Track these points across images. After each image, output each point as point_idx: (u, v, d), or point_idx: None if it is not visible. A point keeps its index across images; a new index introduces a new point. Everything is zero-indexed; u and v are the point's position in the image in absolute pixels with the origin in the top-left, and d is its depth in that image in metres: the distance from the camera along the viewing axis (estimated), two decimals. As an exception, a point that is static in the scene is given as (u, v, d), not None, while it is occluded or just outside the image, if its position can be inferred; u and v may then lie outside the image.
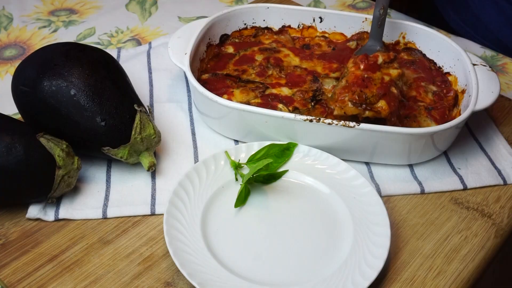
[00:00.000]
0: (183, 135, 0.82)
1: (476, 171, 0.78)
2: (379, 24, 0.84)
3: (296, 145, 0.76)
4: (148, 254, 0.67)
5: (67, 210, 0.70)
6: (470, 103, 0.75)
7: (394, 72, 0.78)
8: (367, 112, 0.73)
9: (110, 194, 0.73)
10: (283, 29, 0.96)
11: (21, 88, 0.72)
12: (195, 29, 0.87)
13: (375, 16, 0.84)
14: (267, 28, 0.96)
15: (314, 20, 0.95)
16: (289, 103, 0.80)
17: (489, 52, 1.04)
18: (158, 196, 0.73)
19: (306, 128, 0.74)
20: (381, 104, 0.73)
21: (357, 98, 0.74)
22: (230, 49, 0.92)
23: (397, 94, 0.77)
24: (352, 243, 0.66)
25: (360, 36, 0.93)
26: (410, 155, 0.77)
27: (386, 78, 0.77)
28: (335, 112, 0.75)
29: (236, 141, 0.81)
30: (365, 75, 0.76)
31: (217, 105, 0.76)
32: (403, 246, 0.69)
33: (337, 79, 0.85)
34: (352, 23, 0.93)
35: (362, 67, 0.77)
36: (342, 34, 0.94)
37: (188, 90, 0.90)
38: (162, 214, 0.71)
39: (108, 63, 0.75)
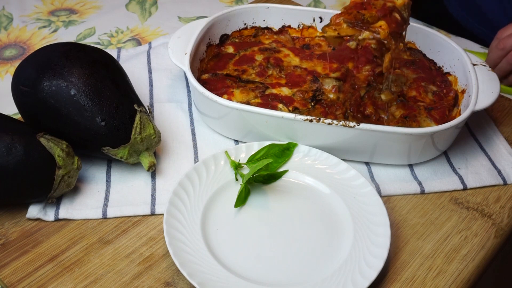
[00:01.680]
0: (183, 135, 0.82)
1: (476, 171, 0.78)
2: None
3: (296, 145, 0.76)
4: (148, 254, 0.67)
5: (67, 210, 0.70)
6: (470, 103, 0.75)
7: (399, 1, 0.73)
8: (364, 34, 0.69)
9: (110, 194, 0.73)
10: (283, 29, 0.96)
11: (21, 88, 0.72)
12: (195, 29, 0.87)
13: None
14: (267, 28, 0.96)
15: (314, 20, 0.95)
16: (289, 103, 0.80)
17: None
18: (158, 196, 0.73)
19: (306, 128, 0.73)
20: (380, 23, 0.69)
21: (353, 19, 0.69)
22: (230, 49, 0.92)
23: (400, 21, 0.72)
24: (352, 243, 0.66)
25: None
26: (410, 155, 0.77)
27: (389, 4, 0.73)
28: (327, 34, 0.70)
29: (236, 141, 0.81)
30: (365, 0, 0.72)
31: (217, 105, 0.76)
32: (403, 246, 0.69)
33: (337, 79, 0.85)
34: (352, 23, 0.93)
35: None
36: (342, 34, 0.94)
37: (188, 90, 0.90)
38: (162, 214, 0.71)
39: (108, 63, 0.75)
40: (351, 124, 0.71)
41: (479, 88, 0.77)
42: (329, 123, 0.72)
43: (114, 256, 0.66)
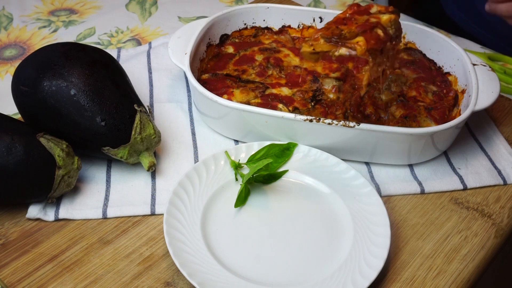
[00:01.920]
0: (183, 135, 0.82)
1: (476, 171, 0.78)
2: None
3: (296, 145, 0.76)
4: (148, 254, 0.67)
5: (67, 210, 0.70)
6: (470, 103, 0.75)
7: (384, 16, 0.69)
8: (340, 50, 0.65)
9: (110, 194, 0.73)
10: (283, 29, 0.96)
11: (21, 88, 0.72)
12: (195, 29, 0.87)
13: None
14: (267, 28, 0.96)
15: (314, 20, 0.95)
16: (289, 103, 0.80)
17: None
18: (158, 196, 0.73)
19: (306, 128, 0.73)
20: (358, 39, 0.65)
21: (331, 33, 0.65)
22: (230, 49, 0.92)
23: (382, 37, 0.67)
24: (352, 243, 0.66)
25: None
26: (410, 155, 0.77)
27: (373, 20, 0.69)
28: (302, 49, 0.66)
29: (236, 141, 0.81)
30: (347, 15, 0.69)
31: (217, 105, 0.76)
32: (403, 246, 0.69)
33: (337, 79, 0.85)
34: (352, 23, 0.93)
35: (349, 11, 0.71)
36: (342, 34, 0.94)
37: (188, 90, 0.90)
38: (162, 214, 0.71)
39: (108, 63, 0.75)
40: (351, 124, 0.71)
41: (479, 88, 0.77)
42: (329, 123, 0.72)
43: (114, 256, 0.66)
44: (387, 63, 0.70)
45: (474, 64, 0.81)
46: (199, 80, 0.84)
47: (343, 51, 0.65)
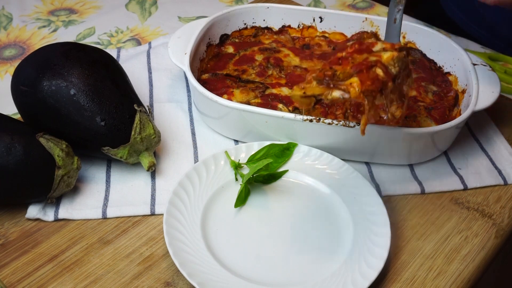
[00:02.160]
0: (183, 135, 0.82)
1: (476, 171, 0.78)
2: (394, 19, 0.72)
3: (296, 145, 0.76)
4: (148, 254, 0.67)
5: (66, 210, 0.70)
6: (470, 103, 0.75)
7: (386, 54, 0.61)
8: (332, 92, 0.58)
9: (110, 194, 0.73)
10: (283, 29, 0.96)
11: (21, 88, 0.72)
12: (195, 29, 0.87)
13: (390, 9, 0.73)
14: (267, 28, 0.96)
15: (314, 20, 0.95)
16: (289, 103, 0.80)
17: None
18: (158, 196, 0.73)
19: (306, 128, 0.73)
20: (352, 80, 0.57)
21: (324, 74, 0.59)
22: (230, 49, 0.92)
23: (382, 77, 0.60)
24: (352, 243, 0.66)
25: (360, 36, 0.93)
26: (410, 155, 0.77)
27: (372, 59, 0.61)
28: (293, 93, 0.59)
29: (236, 141, 0.81)
30: (344, 54, 0.62)
31: (217, 105, 0.76)
32: (403, 246, 0.69)
33: (337, 79, 0.85)
34: (352, 23, 0.93)
35: (349, 50, 0.64)
36: (342, 34, 0.94)
37: (188, 90, 0.90)
38: (162, 214, 0.71)
39: (108, 63, 0.75)
40: (351, 124, 0.71)
41: (479, 88, 0.77)
42: (329, 123, 0.72)
43: (114, 256, 0.66)
44: (392, 101, 0.63)
45: (474, 64, 0.81)
46: (199, 80, 0.84)
47: (336, 94, 0.58)
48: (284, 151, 0.76)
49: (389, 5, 0.72)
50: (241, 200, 0.71)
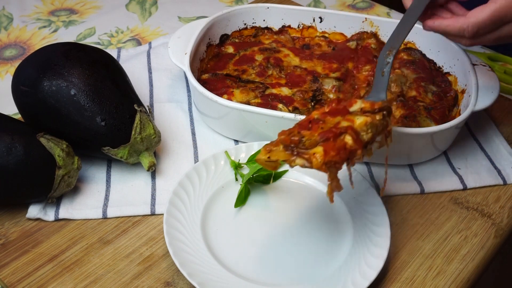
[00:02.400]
0: (183, 135, 0.82)
1: (476, 171, 0.78)
2: (382, 72, 0.67)
3: (296, 145, 0.76)
4: (148, 254, 0.67)
5: (67, 210, 0.71)
6: (470, 103, 0.75)
7: (359, 119, 0.59)
8: (296, 160, 0.56)
9: (110, 194, 0.73)
10: (283, 29, 0.96)
11: (21, 88, 0.72)
12: (195, 29, 0.87)
13: (379, 61, 0.67)
14: (267, 28, 0.96)
15: (314, 20, 0.95)
16: (289, 103, 0.80)
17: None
18: (158, 196, 0.73)
19: (306, 128, 0.73)
20: (316, 150, 0.55)
21: (290, 140, 0.57)
22: (230, 49, 0.92)
23: (350, 145, 0.57)
24: (352, 243, 0.66)
25: (360, 36, 0.93)
26: (410, 155, 0.77)
27: (343, 124, 0.58)
28: (257, 157, 0.57)
29: (236, 141, 0.81)
30: (316, 117, 0.60)
31: (217, 105, 0.76)
32: (403, 246, 0.69)
33: (337, 79, 0.85)
34: (352, 23, 0.93)
35: (326, 110, 0.61)
36: (342, 34, 0.94)
37: (188, 90, 0.90)
38: (162, 214, 0.71)
39: (108, 63, 0.75)
40: (351, 124, 0.71)
41: (479, 88, 0.77)
42: (329, 123, 0.72)
43: (114, 256, 0.66)
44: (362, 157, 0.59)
45: (474, 64, 0.81)
46: (199, 80, 0.84)
47: (299, 162, 0.55)
48: (284, 151, 0.76)
49: (379, 55, 0.67)
50: (241, 200, 0.71)
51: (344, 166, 0.58)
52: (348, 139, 0.57)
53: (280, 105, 0.80)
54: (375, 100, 0.63)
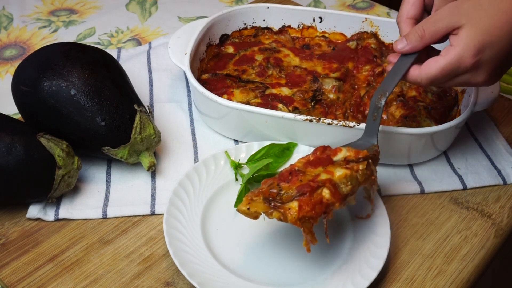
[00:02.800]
0: (183, 135, 0.82)
1: (476, 171, 0.78)
2: (374, 115, 0.66)
3: (296, 145, 0.76)
4: (148, 254, 0.67)
5: (67, 210, 0.71)
6: (470, 103, 0.75)
7: (339, 171, 0.60)
8: (273, 213, 0.57)
9: (110, 194, 0.73)
10: (283, 29, 0.96)
11: (21, 88, 0.72)
12: (195, 29, 0.87)
13: (371, 105, 0.66)
14: (267, 28, 0.96)
15: (314, 20, 0.95)
16: (289, 103, 0.80)
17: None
18: (158, 196, 0.73)
19: (306, 128, 0.74)
20: (291, 205, 0.56)
21: (269, 192, 0.58)
22: (230, 49, 0.92)
23: (327, 199, 0.58)
24: (352, 243, 0.66)
25: (360, 36, 0.93)
26: (410, 155, 0.77)
27: (322, 177, 0.59)
28: (238, 207, 0.59)
29: (236, 141, 0.81)
30: (296, 168, 0.61)
31: (217, 105, 0.76)
32: (403, 246, 0.69)
33: (337, 79, 0.85)
34: (352, 23, 0.93)
35: (311, 158, 0.63)
36: (342, 34, 0.94)
37: (188, 90, 0.90)
38: (162, 214, 0.71)
39: (108, 63, 0.75)
40: (351, 124, 0.71)
41: (479, 88, 0.77)
42: (329, 123, 0.72)
43: (114, 256, 0.66)
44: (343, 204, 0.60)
45: (474, 64, 0.81)
46: (199, 80, 0.84)
47: (276, 215, 0.57)
48: (284, 151, 0.76)
49: (371, 100, 0.66)
50: (241, 200, 0.70)
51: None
52: (326, 192, 0.58)
53: (280, 105, 0.80)
54: (366, 144, 0.65)
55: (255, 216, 0.59)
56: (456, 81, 0.63)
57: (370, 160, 0.63)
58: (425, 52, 0.65)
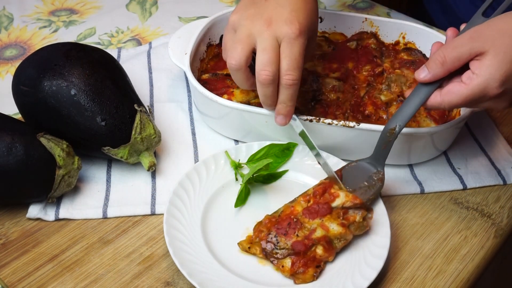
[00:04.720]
0: (183, 135, 0.82)
1: (475, 171, 0.78)
2: (384, 145, 0.68)
3: (296, 145, 0.76)
4: (148, 254, 0.67)
5: (67, 210, 0.71)
6: (470, 103, 0.75)
7: (335, 229, 0.64)
8: (268, 263, 0.64)
9: (110, 194, 0.73)
10: (283, 29, 0.95)
11: (21, 88, 0.72)
12: (195, 29, 0.87)
13: (383, 133, 0.67)
14: (267, 28, 0.95)
15: (314, 20, 0.95)
16: (289, 103, 0.80)
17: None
18: (158, 196, 0.73)
19: (306, 128, 0.74)
20: (284, 262, 0.63)
21: (267, 242, 0.64)
22: (230, 49, 0.92)
23: (320, 256, 0.63)
24: (352, 243, 0.66)
25: (360, 36, 0.93)
26: (410, 155, 0.77)
27: (318, 233, 0.63)
28: (240, 243, 0.66)
29: (236, 141, 0.81)
30: (295, 219, 0.65)
31: (217, 105, 0.76)
32: (402, 246, 0.69)
33: (337, 79, 0.85)
34: (352, 23, 0.93)
35: (310, 202, 0.67)
36: (342, 34, 0.94)
37: (188, 90, 0.90)
38: (162, 214, 0.71)
39: (108, 63, 0.75)
40: (351, 124, 0.71)
41: (479, 88, 0.77)
42: (329, 123, 0.72)
43: (114, 256, 0.66)
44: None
45: (474, 64, 0.81)
46: (199, 80, 0.84)
47: (272, 267, 0.64)
48: (284, 151, 0.76)
49: (384, 127, 0.67)
50: (241, 200, 0.71)
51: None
52: (319, 249, 0.63)
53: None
54: (371, 169, 0.69)
55: (254, 253, 0.65)
56: (477, 106, 0.63)
57: (368, 214, 0.66)
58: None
